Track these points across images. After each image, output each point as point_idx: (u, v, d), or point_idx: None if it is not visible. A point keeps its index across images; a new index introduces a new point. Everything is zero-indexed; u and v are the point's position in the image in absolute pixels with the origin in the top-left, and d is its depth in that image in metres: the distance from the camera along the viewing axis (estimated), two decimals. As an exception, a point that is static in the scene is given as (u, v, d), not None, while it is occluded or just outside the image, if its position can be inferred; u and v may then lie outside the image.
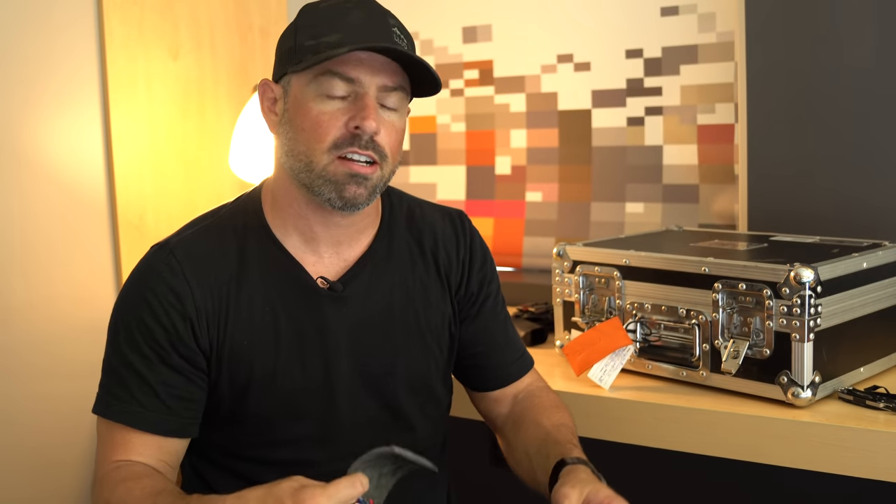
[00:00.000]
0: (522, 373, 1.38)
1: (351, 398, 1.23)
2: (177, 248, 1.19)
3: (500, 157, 2.27)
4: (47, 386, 1.95)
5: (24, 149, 1.91)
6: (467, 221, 1.38)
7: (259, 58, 2.34)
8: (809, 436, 1.31)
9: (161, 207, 2.13)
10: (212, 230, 1.23)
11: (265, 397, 1.20)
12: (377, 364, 1.25)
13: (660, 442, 1.44)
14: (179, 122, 2.16)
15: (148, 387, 1.15)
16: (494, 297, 1.38)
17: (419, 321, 1.29)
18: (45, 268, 1.95)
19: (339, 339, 1.22)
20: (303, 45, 1.15)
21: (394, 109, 1.18)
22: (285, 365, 1.20)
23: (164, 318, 1.15)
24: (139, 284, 1.18)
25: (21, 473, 1.90)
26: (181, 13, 2.15)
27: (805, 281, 1.33)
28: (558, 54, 2.16)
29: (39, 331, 1.94)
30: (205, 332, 1.17)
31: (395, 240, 1.30)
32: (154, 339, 1.15)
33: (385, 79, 1.16)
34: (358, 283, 1.24)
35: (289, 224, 1.22)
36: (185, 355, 1.16)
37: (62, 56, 1.96)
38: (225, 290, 1.19)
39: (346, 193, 1.15)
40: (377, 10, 1.18)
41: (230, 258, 1.20)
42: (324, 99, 1.15)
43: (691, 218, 2.02)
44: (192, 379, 1.17)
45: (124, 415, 1.15)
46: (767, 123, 1.83)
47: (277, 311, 1.20)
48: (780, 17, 1.79)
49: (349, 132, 1.14)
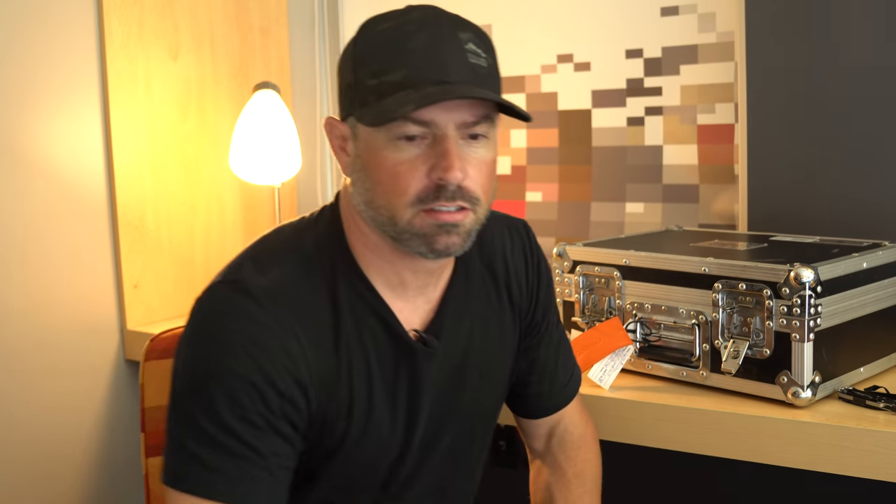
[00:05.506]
0: (562, 405, 1.31)
1: (420, 452, 1.14)
2: (269, 294, 1.02)
3: (500, 157, 2.26)
4: (47, 387, 1.95)
5: (24, 149, 1.91)
6: (532, 235, 1.27)
7: (259, 58, 2.34)
8: (809, 436, 1.31)
9: (161, 208, 2.13)
10: (302, 269, 1.07)
11: (351, 457, 1.09)
12: (452, 420, 1.16)
13: (660, 442, 1.44)
14: (179, 122, 2.16)
15: (261, 459, 0.99)
16: (552, 326, 1.29)
17: (493, 363, 1.20)
18: (44, 268, 1.94)
19: (425, 395, 1.12)
20: (364, 85, 1.00)
21: (480, 143, 1.03)
22: (375, 424, 1.09)
23: (279, 382, 1.00)
24: (236, 339, 1.00)
25: (20, 475, 1.90)
26: (181, 13, 2.15)
27: (805, 281, 1.33)
28: (558, 54, 2.16)
29: (39, 332, 1.94)
30: (314, 395, 1.04)
31: (471, 271, 1.18)
32: (267, 407, 1.00)
33: (465, 114, 1.00)
34: (443, 328, 1.13)
35: (372, 267, 1.09)
36: (295, 423, 1.03)
37: (62, 56, 1.96)
38: (329, 344, 1.05)
39: (438, 246, 1.03)
40: (445, 24, 1.01)
41: (325, 304, 1.06)
42: (398, 145, 1.00)
43: (691, 218, 2.02)
44: (296, 446, 1.04)
45: (244, 497, 0.98)
46: (767, 123, 1.83)
47: (371, 364, 1.08)
48: (780, 17, 1.79)
49: (433, 183, 1.00)
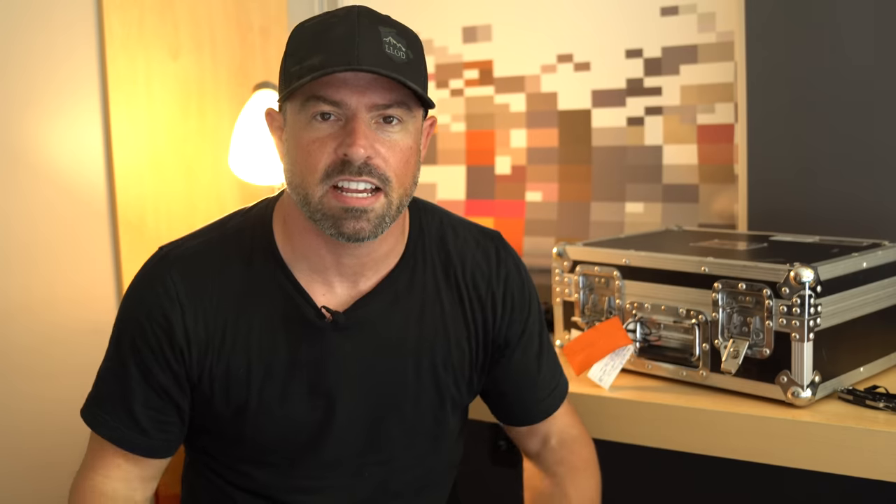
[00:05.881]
0: (548, 413, 1.31)
1: (342, 432, 1.18)
2: (177, 264, 1.15)
3: (500, 157, 2.27)
4: (47, 387, 1.95)
5: (24, 149, 1.91)
6: (504, 251, 1.28)
7: (259, 58, 2.34)
8: (809, 436, 1.31)
9: (161, 208, 2.13)
10: (216, 245, 1.18)
11: (262, 423, 1.16)
12: (376, 404, 1.19)
13: (660, 442, 1.44)
14: (179, 122, 2.16)
15: (128, 403, 1.15)
16: (530, 336, 1.28)
17: (435, 358, 1.21)
18: (44, 268, 1.95)
19: (339, 373, 1.17)
20: (289, 71, 1.08)
21: (395, 128, 1.07)
22: (279, 396, 1.16)
23: (152, 340, 1.13)
24: (135, 299, 1.16)
25: (19, 474, 1.90)
26: (181, 13, 2.15)
27: (805, 281, 1.33)
28: (558, 54, 2.16)
29: (39, 332, 1.94)
30: (194, 359, 1.14)
31: (420, 268, 1.21)
32: (141, 359, 1.14)
33: (375, 97, 1.05)
34: (368, 314, 1.17)
35: (298, 252, 1.15)
36: (169, 379, 1.14)
37: (62, 56, 1.96)
38: (222, 314, 1.14)
39: (346, 229, 1.07)
40: (367, 20, 1.07)
41: (232, 279, 1.15)
42: (313, 125, 1.06)
43: (691, 218, 2.02)
44: (173, 401, 1.16)
45: (104, 428, 1.16)
46: (767, 123, 1.83)
47: (278, 340, 1.15)
48: (781, 17, 1.79)
49: (339, 158, 1.05)
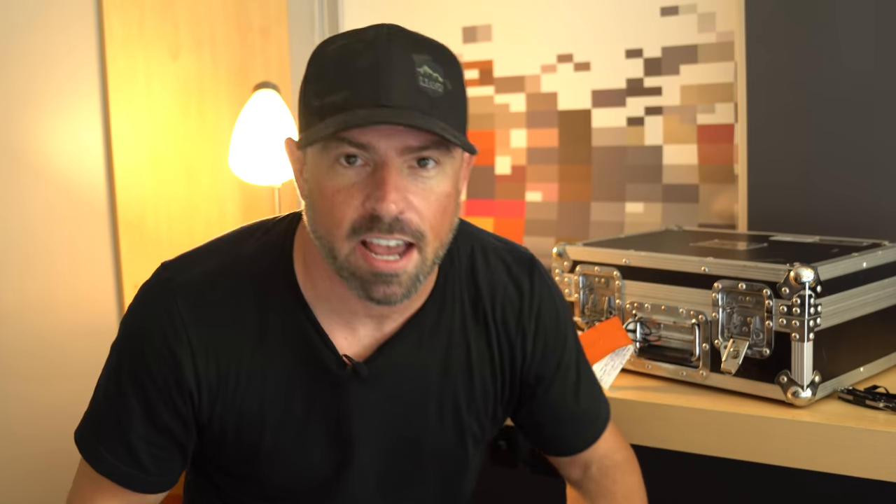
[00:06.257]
0: (590, 443, 1.21)
1: (359, 477, 1.10)
2: (184, 294, 1.02)
3: (499, 157, 2.27)
4: (45, 390, 1.95)
5: (24, 149, 1.91)
6: (539, 280, 1.15)
7: (259, 58, 2.34)
8: (809, 436, 1.31)
9: (161, 208, 2.13)
10: (230, 273, 1.04)
11: (276, 466, 1.07)
12: (395, 448, 1.10)
13: (660, 442, 1.44)
14: (179, 122, 2.16)
15: (126, 438, 1.04)
16: (566, 368, 1.17)
17: (458, 399, 1.11)
18: (44, 269, 1.95)
19: (359, 422, 1.07)
20: (310, 106, 0.95)
21: (431, 172, 0.94)
22: (294, 442, 1.06)
23: (158, 378, 1.01)
24: (138, 327, 1.03)
25: (16, 478, 1.90)
26: (181, 13, 2.15)
27: (805, 281, 1.33)
28: (558, 54, 2.16)
29: (39, 332, 1.94)
30: (204, 402, 1.03)
31: (449, 305, 1.09)
32: (144, 395, 1.02)
33: (408, 138, 0.91)
34: (391, 361, 1.06)
35: (321, 292, 1.03)
36: (175, 421, 1.04)
37: (62, 56, 1.96)
38: (236, 355, 1.02)
39: (376, 294, 0.95)
40: (398, 43, 0.92)
41: (247, 315, 1.03)
42: (336, 171, 0.93)
43: (691, 218, 2.02)
44: (177, 441, 1.05)
45: (100, 462, 1.05)
46: (767, 123, 1.83)
47: (295, 386, 1.04)
48: (781, 18, 1.79)
49: (367, 213, 0.92)
